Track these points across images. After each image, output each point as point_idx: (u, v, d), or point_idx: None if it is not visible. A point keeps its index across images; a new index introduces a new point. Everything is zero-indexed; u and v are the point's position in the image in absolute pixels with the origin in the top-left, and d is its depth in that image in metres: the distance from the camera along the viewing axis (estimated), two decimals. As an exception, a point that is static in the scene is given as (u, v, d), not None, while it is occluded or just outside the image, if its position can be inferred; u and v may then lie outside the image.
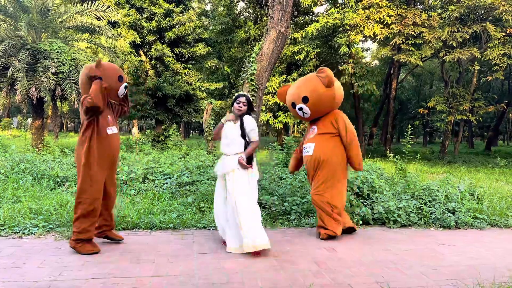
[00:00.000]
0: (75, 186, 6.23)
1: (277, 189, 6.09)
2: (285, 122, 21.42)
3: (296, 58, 19.42)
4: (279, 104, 20.91)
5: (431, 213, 5.56)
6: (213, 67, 21.25)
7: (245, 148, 4.09)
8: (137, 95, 18.81)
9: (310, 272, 3.45)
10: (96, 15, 15.64)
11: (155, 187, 6.75)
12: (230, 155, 4.12)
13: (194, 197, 5.89)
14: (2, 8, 13.98)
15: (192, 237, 4.48)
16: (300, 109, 4.74)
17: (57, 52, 13.66)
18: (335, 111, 4.80)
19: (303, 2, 19.45)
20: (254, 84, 7.67)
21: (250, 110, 4.24)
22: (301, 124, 23.01)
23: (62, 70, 13.41)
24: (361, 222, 5.28)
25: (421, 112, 18.70)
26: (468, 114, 17.94)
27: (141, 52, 19.91)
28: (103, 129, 3.88)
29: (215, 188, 4.38)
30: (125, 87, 4.08)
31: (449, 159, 18.32)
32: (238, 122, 4.15)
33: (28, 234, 4.41)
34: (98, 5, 15.56)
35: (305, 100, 4.66)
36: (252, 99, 7.64)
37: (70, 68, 13.64)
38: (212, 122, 12.25)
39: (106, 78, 3.83)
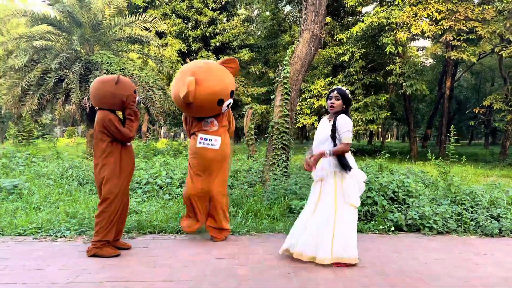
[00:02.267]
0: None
1: (308, 194, 5.94)
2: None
3: (341, 59, 19.00)
4: (325, 107, 20.55)
5: (472, 220, 5.17)
6: (258, 72, 21.36)
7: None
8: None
9: (323, 281, 3.31)
10: (144, 26, 16.30)
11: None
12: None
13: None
14: (57, 23, 14.93)
15: (215, 242, 4.47)
16: None
17: (108, 63, 14.36)
18: None
19: (347, 3, 19.04)
20: (288, 87, 7.58)
21: (346, 106, 3.79)
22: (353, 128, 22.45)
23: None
24: (393, 228, 5.01)
25: (476, 111, 17.58)
26: (530, 113, 16.63)
27: (188, 60, 20.45)
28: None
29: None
30: (138, 100, 4.16)
31: (510, 161, 17.04)
32: (332, 121, 3.76)
33: (61, 237, 4.63)
34: (145, 16, 16.19)
35: None
36: (285, 102, 7.58)
37: (119, 78, 14.25)
38: (252, 126, 12.24)
39: (124, 90, 3.93)
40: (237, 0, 21.33)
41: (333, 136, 3.68)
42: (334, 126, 3.69)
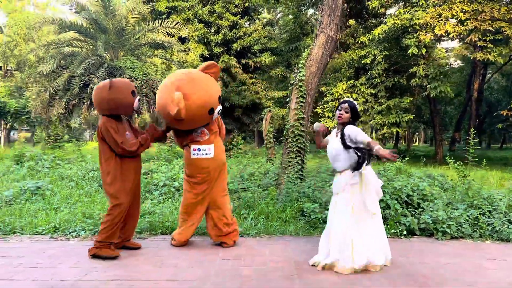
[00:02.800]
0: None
1: (321, 197, 5.93)
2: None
3: (363, 62, 18.80)
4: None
5: (488, 224, 5.03)
6: (280, 76, 21.40)
7: (355, 161, 3.63)
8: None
9: (327, 282, 3.31)
10: (166, 31, 16.62)
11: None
12: (339, 172, 3.77)
13: (237, 203, 5.96)
14: (84, 30, 15.42)
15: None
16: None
17: (131, 68, 14.73)
18: None
19: (369, 5, 18.84)
20: (303, 90, 7.58)
21: (354, 119, 3.81)
22: (379, 131, 22.19)
23: (135, 85, 14.39)
24: (405, 232, 4.94)
25: (504, 114, 17.03)
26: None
27: (210, 64, 20.68)
28: None
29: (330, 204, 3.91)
30: (139, 100, 4.18)
31: (541, 166, 16.41)
32: (339, 134, 3.77)
33: (76, 237, 4.78)
34: (168, 22, 16.51)
35: None
36: (300, 105, 7.57)
37: (142, 83, 14.61)
38: (271, 130, 12.28)
39: (119, 94, 3.94)
40: (260, 5, 21.44)
41: (346, 146, 3.66)
42: (342, 137, 3.69)
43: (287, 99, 8.50)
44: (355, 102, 3.84)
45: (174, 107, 3.92)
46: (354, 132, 3.63)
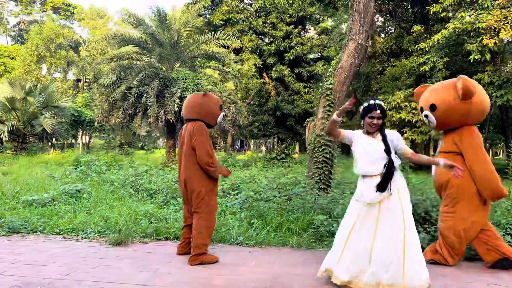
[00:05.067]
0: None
1: (334, 208, 5.72)
2: (412, 139, 19.75)
3: (421, 69, 17.86)
4: (405, 119, 19.41)
5: None
6: (335, 85, 21.03)
7: (386, 166, 3.42)
8: (260, 115, 19.77)
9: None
10: (218, 43, 17.12)
11: (234, 200, 6.90)
12: (374, 175, 3.47)
13: (247, 213, 5.94)
14: (141, 44, 16.39)
15: (214, 251, 4.50)
16: (426, 116, 4.31)
17: (183, 79, 15.34)
18: (464, 128, 4.12)
19: (430, 10, 17.92)
20: (330, 99, 7.40)
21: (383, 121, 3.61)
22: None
23: (185, 95, 14.96)
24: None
25: None
26: None
27: (264, 74, 20.91)
28: None
29: (348, 218, 3.54)
30: (223, 116, 4.49)
31: None
32: (379, 136, 3.57)
33: (85, 238, 5.06)
34: (220, 34, 17.00)
35: (432, 107, 4.19)
36: (328, 114, 7.39)
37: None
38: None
39: (211, 102, 4.27)
40: (315, 13, 21.32)
41: (388, 151, 3.47)
42: (385, 141, 3.49)
43: (313, 108, 8.33)
44: (382, 103, 3.58)
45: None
46: (400, 139, 3.54)
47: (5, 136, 19.44)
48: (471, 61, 15.50)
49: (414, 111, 18.50)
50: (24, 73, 34.34)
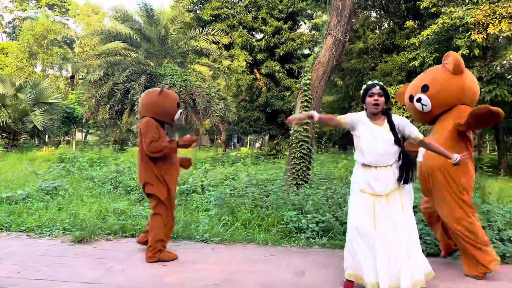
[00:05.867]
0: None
1: (305, 204, 5.66)
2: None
3: (411, 65, 17.80)
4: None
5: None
6: (326, 80, 20.93)
7: (401, 157, 3.22)
8: (250, 111, 19.67)
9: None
10: (207, 38, 17.00)
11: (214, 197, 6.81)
12: (383, 166, 3.22)
13: (219, 209, 5.88)
14: (128, 40, 16.26)
15: (176, 248, 4.43)
16: (418, 100, 3.91)
17: (170, 75, 15.23)
18: (461, 106, 3.80)
19: (421, 5, 17.81)
20: (308, 94, 7.34)
21: (387, 102, 3.25)
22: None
23: (173, 91, 14.88)
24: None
25: None
26: None
27: (255, 70, 20.79)
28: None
29: (355, 210, 3.27)
30: (180, 113, 4.38)
31: None
32: (386, 124, 3.25)
33: (48, 235, 4.99)
34: (208, 29, 16.88)
35: (424, 88, 3.89)
36: (305, 110, 7.32)
37: (181, 89, 15.04)
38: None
39: (166, 101, 4.19)
40: (308, 8, 21.18)
41: (398, 141, 3.19)
42: (393, 129, 3.20)
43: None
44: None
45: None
46: (409, 124, 3.22)
47: (-4, 133, 19.32)
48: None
49: (404, 107, 18.41)
50: (16, 70, 34.12)
